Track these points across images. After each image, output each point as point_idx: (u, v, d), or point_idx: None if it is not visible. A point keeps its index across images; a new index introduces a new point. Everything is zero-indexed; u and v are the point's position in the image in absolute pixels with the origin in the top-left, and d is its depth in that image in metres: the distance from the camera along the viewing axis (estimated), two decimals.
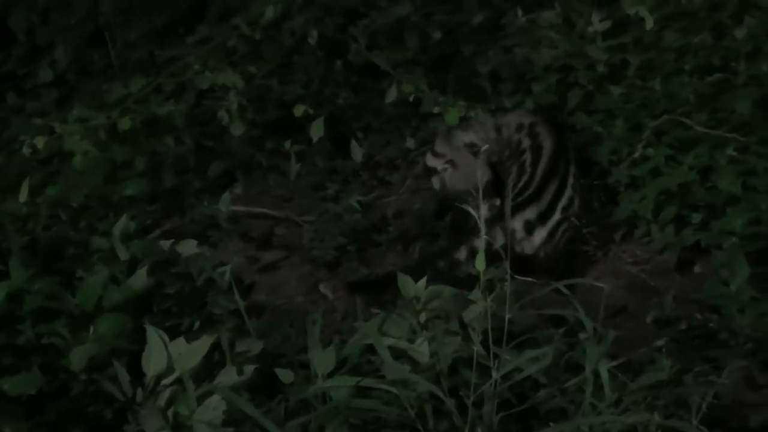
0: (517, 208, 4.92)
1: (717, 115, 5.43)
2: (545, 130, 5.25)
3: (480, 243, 3.57)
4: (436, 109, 5.71)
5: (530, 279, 4.00)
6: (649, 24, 5.86)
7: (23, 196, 4.83)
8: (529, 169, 5.09)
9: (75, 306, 4.17)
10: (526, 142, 5.23)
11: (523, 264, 4.72)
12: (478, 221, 3.54)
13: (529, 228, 4.96)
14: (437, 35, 6.55)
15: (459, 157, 5.33)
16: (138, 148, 5.51)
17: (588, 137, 5.60)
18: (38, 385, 3.85)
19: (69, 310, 4.15)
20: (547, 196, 5.01)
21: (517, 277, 3.84)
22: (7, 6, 6.32)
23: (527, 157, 5.16)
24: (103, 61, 6.48)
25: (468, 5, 6.78)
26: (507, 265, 3.78)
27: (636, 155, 5.36)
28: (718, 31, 5.93)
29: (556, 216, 5.01)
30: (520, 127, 5.32)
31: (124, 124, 5.41)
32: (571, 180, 5.10)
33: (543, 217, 4.99)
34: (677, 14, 6.09)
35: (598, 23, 5.89)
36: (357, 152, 5.79)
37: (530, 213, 4.95)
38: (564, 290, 3.86)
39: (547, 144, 5.15)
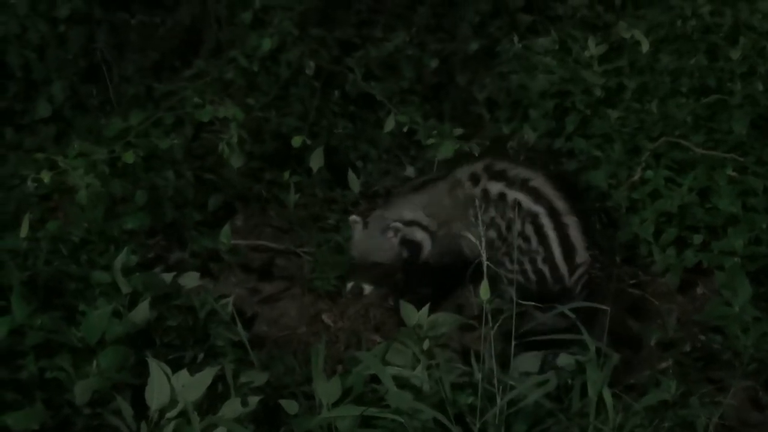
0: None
1: (714, 135, 5.45)
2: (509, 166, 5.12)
3: None
4: (430, 141, 5.71)
5: (534, 303, 3.99)
6: (645, 47, 5.87)
7: (24, 231, 4.82)
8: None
9: (78, 340, 4.15)
10: (495, 188, 5.04)
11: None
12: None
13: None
14: (433, 64, 6.56)
15: (373, 226, 5.08)
16: (137, 182, 5.51)
17: (586, 161, 5.61)
18: (42, 420, 3.84)
19: (72, 344, 4.13)
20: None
21: (521, 302, 3.83)
22: (3, 42, 6.32)
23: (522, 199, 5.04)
24: (101, 95, 6.48)
25: (462, 34, 6.79)
26: (511, 290, 3.77)
27: (635, 178, 5.38)
28: (713, 52, 5.95)
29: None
30: (474, 177, 5.11)
31: (128, 157, 5.41)
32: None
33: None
34: (672, 37, 6.11)
35: (593, 48, 5.91)
36: (355, 183, 5.78)
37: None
38: (569, 313, 3.86)
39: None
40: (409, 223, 5.06)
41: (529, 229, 4.90)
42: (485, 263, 3.63)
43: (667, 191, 5.28)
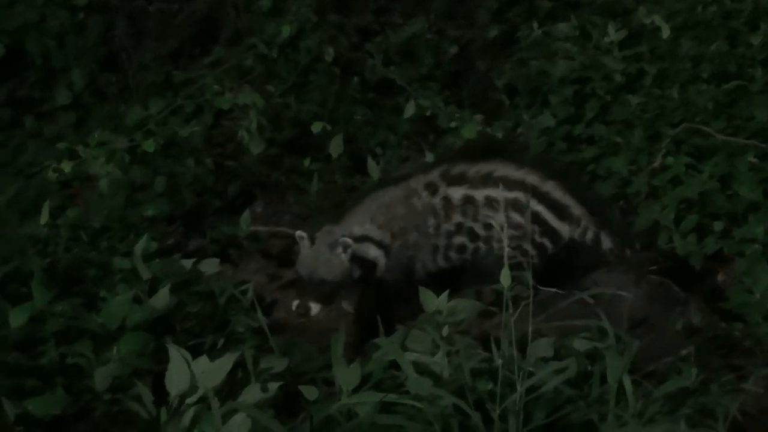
0: None
1: (735, 122, 5.42)
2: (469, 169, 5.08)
3: None
4: (453, 124, 5.69)
5: (554, 289, 3.98)
6: (666, 33, 5.85)
7: (44, 218, 4.84)
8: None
9: (98, 326, 4.16)
10: (458, 193, 5.00)
11: None
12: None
13: None
14: (452, 50, 6.54)
15: (320, 242, 4.96)
16: (157, 170, 5.52)
17: (606, 148, 5.59)
18: (62, 405, 3.84)
19: (92, 331, 4.15)
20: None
21: (540, 288, 3.82)
22: (23, 30, 6.34)
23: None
24: (120, 83, 6.51)
25: (481, 20, 6.78)
26: (529, 276, 3.76)
27: (655, 164, 5.35)
28: (734, 38, 5.92)
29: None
30: (432, 186, 5.05)
31: (148, 146, 5.43)
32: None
33: None
34: (692, 23, 6.08)
35: (614, 33, 5.88)
36: (374, 169, 5.78)
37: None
38: (588, 300, 3.85)
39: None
40: (360, 239, 4.96)
41: (516, 216, 4.90)
42: (506, 249, 3.63)
43: (687, 178, 5.25)
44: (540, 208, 4.94)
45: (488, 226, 4.90)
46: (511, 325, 3.65)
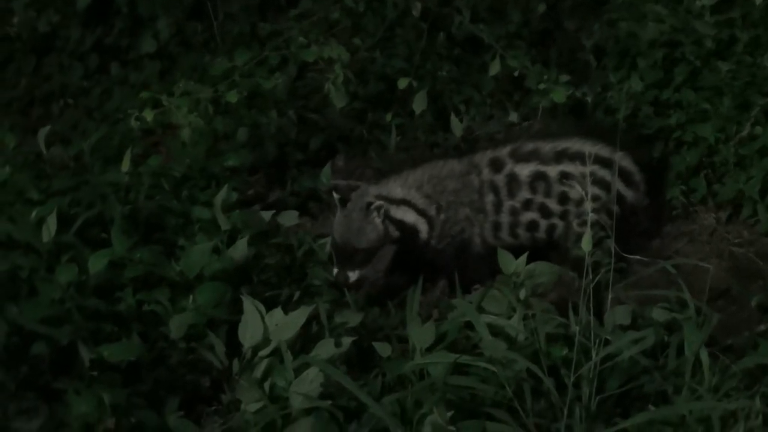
0: None
1: None
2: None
3: None
4: (541, 86, 5.62)
5: (637, 257, 3.93)
6: None
7: (125, 165, 4.86)
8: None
9: (176, 274, 4.18)
10: (526, 169, 4.83)
11: None
12: None
13: None
14: (541, 8, 6.45)
15: (353, 205, 4.77)
16: (240, 121, 5.53)
17: (694, 114, 5.50)
18: (138, 352, 3.87)
19: (170, 279, 4.17)
20: None
21: (624, 255, 3.77)
22: None
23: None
24: (205, 33, 6.52)
25: None
26: (611, 243, 3.72)
27: (744, 133, 5.25)
28: None
29: None
30: (497, 162, 4.88)
31: (232, 97, 5.42)
32: None
33: None
34: None
35: None
36: (457, 127, 5.75)
37: None
38: (670, 269, 3.79)
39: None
40: (399, 202, 4.79)
41: (595, 189, 4.74)
42: (589, 214, 3.58)
43: None
44: (612, 178, 4.80)
45: (564, 201, 4.81)
46: (589, 291, 3.61)
